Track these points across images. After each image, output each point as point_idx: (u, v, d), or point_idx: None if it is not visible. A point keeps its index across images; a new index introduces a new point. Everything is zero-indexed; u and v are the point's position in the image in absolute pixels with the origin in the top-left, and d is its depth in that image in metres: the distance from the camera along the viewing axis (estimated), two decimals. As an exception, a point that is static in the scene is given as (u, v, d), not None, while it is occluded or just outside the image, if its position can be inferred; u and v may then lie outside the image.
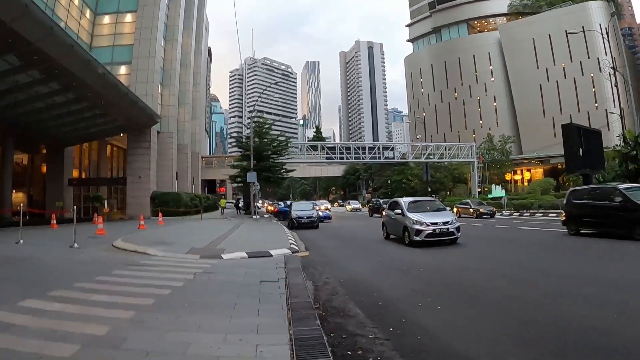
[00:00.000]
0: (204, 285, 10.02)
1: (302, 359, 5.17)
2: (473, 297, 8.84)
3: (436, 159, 71.51)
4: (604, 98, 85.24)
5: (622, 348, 5.29)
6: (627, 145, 40.56)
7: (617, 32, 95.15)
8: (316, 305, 8.19)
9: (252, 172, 41.07)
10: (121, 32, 48.68)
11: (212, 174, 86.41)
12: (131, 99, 35.25)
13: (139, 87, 43.58)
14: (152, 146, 44.94)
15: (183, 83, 58.60)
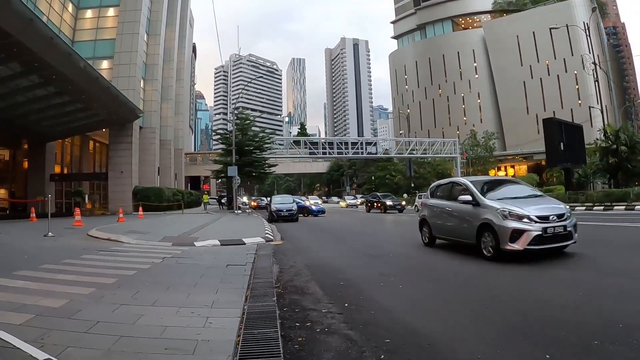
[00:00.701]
0: (170, 267, 10.05)
1: (250, 329, 5.19)
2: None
3: (419, 154, 71.60)
4: (587, 95, 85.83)
5: (582, 323, 5.36)
6: (608, 139, 40.98)
7: (600, 29, 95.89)
8: (277, 284, 8.23)
9: (233, 167, 41.05)
10: (104, 27, 48.40)
11: (196, 171, 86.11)
12: (112, 93, 35.13)
13: (121, 82, 43.32)
14: (134, 141, 44.76)
15: (166, 78, 58.35)
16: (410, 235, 16.66)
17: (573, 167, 41.67)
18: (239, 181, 42.60)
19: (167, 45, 58.94)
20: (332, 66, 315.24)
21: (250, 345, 4.68)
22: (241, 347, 4.62)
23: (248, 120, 54.70)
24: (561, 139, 38.85)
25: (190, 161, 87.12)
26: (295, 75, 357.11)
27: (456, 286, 8.11)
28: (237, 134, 47.28)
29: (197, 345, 4.62)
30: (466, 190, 11.95)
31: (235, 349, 4.52)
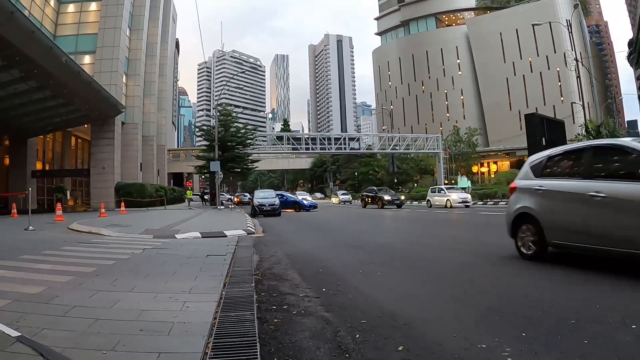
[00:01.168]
0: (149, 258, 10.00)
1: (226, 312, 5.19)
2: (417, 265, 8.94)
3: (402, 150, 71.82)
4: (570, 92, 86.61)
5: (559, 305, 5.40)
6: (590, 135, 41.40)
7: (582, 27, 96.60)
8: (256, 272, 8.22)
9: (215, 162, 40.99)
10: (86, 21, 47.98)
11: (179, 167, 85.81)
12: (94, 87, 34.92)
13: (103, 77, 43.05)
14: (116, 137, 44.46)
15: (149, 74, 58.00)
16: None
17: (555, 162, 41.97)
18: (221, 176, 42.52)
19: (150, 40, 58.59)
20: (315, 63, 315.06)
21: (226, 326, 4.68)
22: (217, 328, 4.62)
23: (231, 116, 54.63)
24: (543, 135, 39.02)
25: (173, 157, 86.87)
26: (279, 72, 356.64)
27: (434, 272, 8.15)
28: (220, 130, 47.17)
29: (172, 326, 4.61)
30: None
31: (210, 330, 4.52)
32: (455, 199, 38.77)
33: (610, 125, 45.68)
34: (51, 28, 46.16)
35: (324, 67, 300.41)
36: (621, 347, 3.96)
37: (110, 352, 3.88)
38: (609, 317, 4.79)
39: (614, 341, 4.09)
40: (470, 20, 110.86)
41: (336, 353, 4.01)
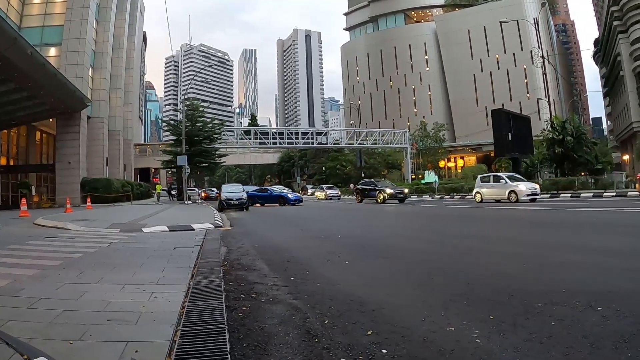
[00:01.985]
0: (116, 251, 9.93)
1: (195, 301, 5.19)
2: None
3: (370, 145, 72.21)
4: (536, 88, 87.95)
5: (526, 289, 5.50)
6: (555, 130, 42.10)
7: (549, 25, 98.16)
8: (224, 263, 8.22)
9: (182, 156, 40.75)
10: (52, 12, 47.02)
11: (146, 163, 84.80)
12: (60, 80, 34.35)
13: (69, 70, 42.32)
14: (82, 131, 43.82)
15: (115, 67, 57.20)
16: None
17: (521, 157, 42.66)
18: (188, 171, 42.30)
19: (117, 33, 57.74)
20: (284, 57, 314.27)
21: (195, 315, 4.67)
22: (185, 317, 4.60)
23: (198, 110, 54.34)
24: (509, 130, 39.75)
25: (140, 152, 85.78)
26: (247, 66, 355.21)
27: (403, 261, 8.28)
28: (187, 124, 46.94)
29: (140, 316, 4.59)
30: None
31: (179, 319, 4.50)
32: (523, 191, 29.06)
33: (576, 121, 46.57)
34: (16, 19, 45.17)
35: (292, 62, 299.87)
36: (587, 327, 4.05)
37: (78, 342, 3.85)
38: (575, 299, 4.90)
39: (580, 322, 4.20)
40: (439, 17, 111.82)
41: (305, 338, 4.03)
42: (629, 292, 5.15)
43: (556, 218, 16.80)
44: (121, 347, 3.69)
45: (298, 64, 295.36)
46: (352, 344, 3.83)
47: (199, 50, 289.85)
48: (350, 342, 3.90)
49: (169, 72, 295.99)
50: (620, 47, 79.50)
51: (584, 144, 42.95)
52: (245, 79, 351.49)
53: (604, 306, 4.60)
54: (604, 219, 15.37)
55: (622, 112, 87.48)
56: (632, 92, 76.83)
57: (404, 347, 3.75)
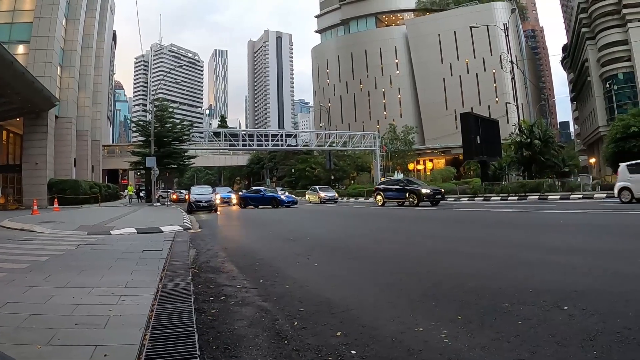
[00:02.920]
0: (84, 253, 9.84)
1: (164, 304, 5.17)
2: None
3: (339, 147, 72.29)
4: (504, 92, 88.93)
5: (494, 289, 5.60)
6: (523, 134, 42.66)
7: (519, 31, 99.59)
8: (193, 266, 8.20)
9: (151, 157, 40.46)
10: (21, 9, 46.30)
11: (114, 164, 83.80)
12: (28, 79, 33.80)
13: (37, 68, 41.56)
14: (50, 131, 43.19)
15: (84, 66, 56.26)
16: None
17: (489, 160, 43.22)
18: (157, 172, 42.03)
19: (87, 31, 56.79)
20: (254, 59, 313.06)
21: (164, 318, 4.67)
22: (154, 320, 4.60)
23: (167, 111, 53.99)
24: (478, 133, 40.22)
25: (108, 154, 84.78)
26: (217, 67, 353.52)
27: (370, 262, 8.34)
28: (156, 125, 46.67)
29: (109, 320, 4.56)
30: None
31: (148, 322, 4.49)
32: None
33: (543, 125, 47.30)
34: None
35: (263, 63, 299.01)
36: (554, 326, 4.14)
37: (46, 346, 3.82)
38: (542, 299, 5.00)
39: (547, 321, 4.28)
40: (410, 21, 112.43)
41: (275, 340, 4.06)
42: (594, 292, 5.27)
43: (524, 219, 17.05)
44: (90, 351, 3.67)
45: (269, 66, 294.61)
46: (322, 345, 3.87)
47: (169, 50, 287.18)
48: (320, 343, 3.93)
49: (138, 71, 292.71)
50: (588, 54, 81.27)
51: (552, 147, 43.63)
52: (216, 80, 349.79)
53: (570, 305, 4.70)
54: (571, 220, 15.64)
55: (589, 116, 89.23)
56: (599, 97, 78.54)
57: (373, 347, 3.79)
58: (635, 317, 4.23)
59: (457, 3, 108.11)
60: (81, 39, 53.57)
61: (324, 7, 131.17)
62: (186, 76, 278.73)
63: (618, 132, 38.51)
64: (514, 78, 51.40)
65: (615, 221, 14.37)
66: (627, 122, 37.34)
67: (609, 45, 75.71)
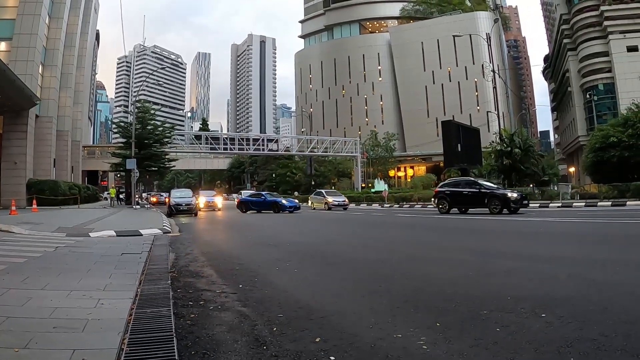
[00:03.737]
0: (62, 255, 9.74)
1: (142, 308, 5.15)
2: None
3: (320, 152, 72.45)
4: (486, 101, 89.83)
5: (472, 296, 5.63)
6: (503, 142, 42.98)
7: (501, 41, 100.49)
8: (172, 270, 8.17)
9: (131, 159, 40.23)
10: (4, 5, 45.74)
11: (94, 165, 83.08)
12: (9, 77, 33.41)
13: (18, 66, 41.03)
14: (30, 130, 42.73)
15: (66, 65, 55.73)
16: None
17: (469, 168, 43.45)
18: (137, 174, 41.82)
19: (70, 30, 56.21)
20: (237, 62, 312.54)
21: (142, 322, 4.64)
22: (133, 324, 4.57)
23: (149, 113, 53.74)
24: (459, 141, 40.45)
25: (88, 154, 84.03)
26: (200, 70, 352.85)
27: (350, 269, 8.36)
28: (138, 127, 46.37)
29: (87, 323, 4.53)
30: None
31: (126, 326, 4.47)
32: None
33: (524, 134, 47.72)
34: (-34, 13, 43.97)
35: (246, 67, 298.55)
36: (532, 333, 4.18)
37: (23, 350, 3.78)
38: (520, 306, 5.05)
39: (525, 328, 4.32)
40: (394, 29, 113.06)
41: (254, 346, 4.05)
42: (572, 299, 5.32)
43: (503, 227, 17.15)
44: (68, 355, 3.65)
45: (252, 70, 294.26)
46: (301, 351, 3.87)
47: (152, 51, 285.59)
48: (299, 349, 3.93)
49: (120, 72, 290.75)
50: (569, 64, 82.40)
51: (531, 156, 44.01)
52: (198, 82, 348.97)
53: (548, 312, 4.74)
54: (549, 228, 15.79)
55: (569, 126, 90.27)
56: (579, 108, 79.58)
57: (352, 353, 3.81)
58: (612, 324, 4.29)
59: (441, 12, 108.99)
60: (64, 37, 53.09)
61: (308, 12, 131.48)
62: (169, 78, 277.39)
63: (597, 142, 39.00)
64: (495, 87, 51.89)
65: (593, 230, 14.52)
66: (606, 133, 37.81)
67: (590, 56, 76.87)
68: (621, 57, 71.96)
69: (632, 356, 3.52)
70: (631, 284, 6.08)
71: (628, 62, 71.31)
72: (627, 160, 36.76)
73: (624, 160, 36.92)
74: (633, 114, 37.00)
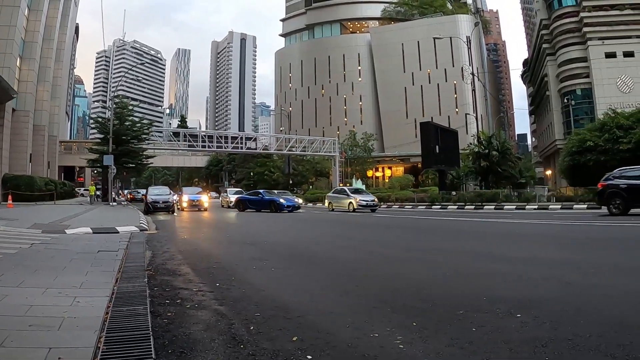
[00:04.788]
0: (38, 252, 9.65)
1: (119, 306, 5.13)
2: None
3: (298, 152, 72.40)
4: (465, 103, 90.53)
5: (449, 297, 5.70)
6: (481, 145, 43.34)
7: (481, 44, 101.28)
8: (149, 268, 8.13)
9: (108, 155, 39.91)
10: (-18, -3, 45.25)
11: (71, 161, 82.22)
12: (-15, 69, 33.12)
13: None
14: (6, 124, 42.20)
15: (44, 59, 54.86)
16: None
17: (447, 169, 43.86)
18: (114, 171, 41.46)
19: (49, 22, 55.34)
20: (217, 60, 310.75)
21: (119, 320, 4.62)
22: (109, 322, 4.55)
23: (127, 108, 53.35)
24: (437, 142, 40.78)
25: (65, 150, 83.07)
26: (180, 67, 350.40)
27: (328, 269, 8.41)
28: (115, 122, 46.01)
29: (63, 321, 4.50)
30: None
31: (103, 325, 4.45)
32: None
33: (502, 137, 48.18)
34: (-59, 4, 43.18)
35: (226, 65, 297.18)
36: (507, 333, 4.24)
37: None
38: (496, 307, 5.11)
39: (501, 328, 4.39)
40: (374, 29, 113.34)
41: (231, 344, 4.06)
42: (547, 300, 5.39)
43: (480, 229, 17.28)
44: (43, 353, 3.62)
45: (231, 67, 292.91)
46: (278, 350, 3.88)
47: (131, 46, 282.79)
48: (276, 348, 3.95)
49: (99, 67, 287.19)
50: (547, 69, 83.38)
51: (509, 159, 44.45)
52: (177, 79, 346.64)
53: (523, 313, 4.81)
54: (526, 230, 15.94)
55: (546, 129, 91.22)
56: (557, 112, 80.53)
57: (329, 352, 3.84)
58: (585, 324, 4.37)
59: (422, 14, 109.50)
60: (43, 30, 52.23)
61: (289, 11, 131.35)
62: (148, 74, 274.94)
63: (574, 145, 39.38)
64: (474, 90, 52.32)
65: (569, 232, 14.68)
66: (583, 137, 38.19)
67: (569, 61, 77.82)
68: (599, 63, 72.94)
69: (606, 355, 3.58)
70: (605, 286, 6.19)
71: (606, 68, 72.33)
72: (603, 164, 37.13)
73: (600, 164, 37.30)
74: (610, 119, 37.44)
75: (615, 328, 4.28)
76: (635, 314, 4.74)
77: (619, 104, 56.12)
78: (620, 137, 34.12)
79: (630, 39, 73.18)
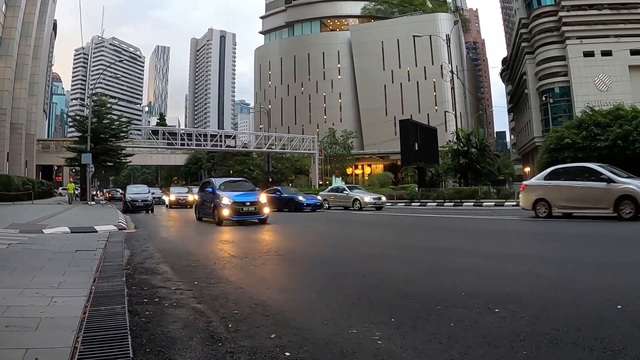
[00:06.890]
0: (15, 253, 9.54)
1: (96, 306, 5.11)
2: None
3: (278, 149, 72.39)
4: (444, 101, 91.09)
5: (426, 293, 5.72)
6: (460, 142, 43.56)
7: (460, 42, 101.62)
8: (127, 267, 8.12)
9: (87, 154, 39.59)
10: (-41, -6, 44.67)
11: (48, 159, 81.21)
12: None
13: (-28, 56, 40.23)
14: (-18, 123, 41.84)
15: (22, 56, 54.26)
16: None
17: (426, 166, 44.04)
18: (93, 169, 41.12)
19: (27, 19, 54.70)
20: (197, 57, 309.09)
21: (97, 320, 4.61)
22: (87, 322, 4.53)
23: (105, 106, 52.93)
24: (416, 140, 40.94)
25: (43, 148, 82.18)
26: (159, 64, 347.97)
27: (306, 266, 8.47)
28: (94, 120, 45.60)
29: (40, 322, 4.47)
30: None
31: (80, 325, 4.43)
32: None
33: (480, 134, 48.32)
34: None
35: (205, 62, 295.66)
36: (485, 328, 4.29)
37: (-25, 349, 3.75)
38: (474, 302, 5.16)
39: (479, 323, 4.43)
40: (354, 27, 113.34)
41: (209, 342, 4.07)
42: (525, 295, 5.45)
43: (458, 225, 17.41)
44: (21, 354, 3.60)
45: (211, 65, 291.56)
46: (256, 348, 3.90)
47: (110, 43, 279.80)
48: (254, 345, 3.97)
49: (77, 64, 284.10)
50: (526, 67, 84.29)
51: (488, 156, 44.66)
52: (156, 77, 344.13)
53: (501, 308, 4.87)
54: (504, 227, 16.10)
55: (525, 127, 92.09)
56: (535, 109, 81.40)
57: (307, 349, 3.86)
58: (563, 319, 4.42)
59: (402, 12, 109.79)
60: (20, 27, 51.68)
61: (269, 8, 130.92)
62: (126, 71, 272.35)
63: (552, 143, 39.65)
64: (453, 88, 52.69)
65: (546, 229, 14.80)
66: (561, 134, 38.46)
67: (547, 60, 78.69)
68: (577, 62, 73.86)
69: (584, 349, 3.64)
70: (582, 281, 6.28)
71: (584, 66, 73.23)
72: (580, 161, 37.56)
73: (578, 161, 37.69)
74: (587, 116, 37.74)
75: (593, 322, 4.34)
76: (612, 307, 4.80)
77: (596, 102, 56.87)
78: (597, 134, 34.44)
79: (608, 39, 74.16)
